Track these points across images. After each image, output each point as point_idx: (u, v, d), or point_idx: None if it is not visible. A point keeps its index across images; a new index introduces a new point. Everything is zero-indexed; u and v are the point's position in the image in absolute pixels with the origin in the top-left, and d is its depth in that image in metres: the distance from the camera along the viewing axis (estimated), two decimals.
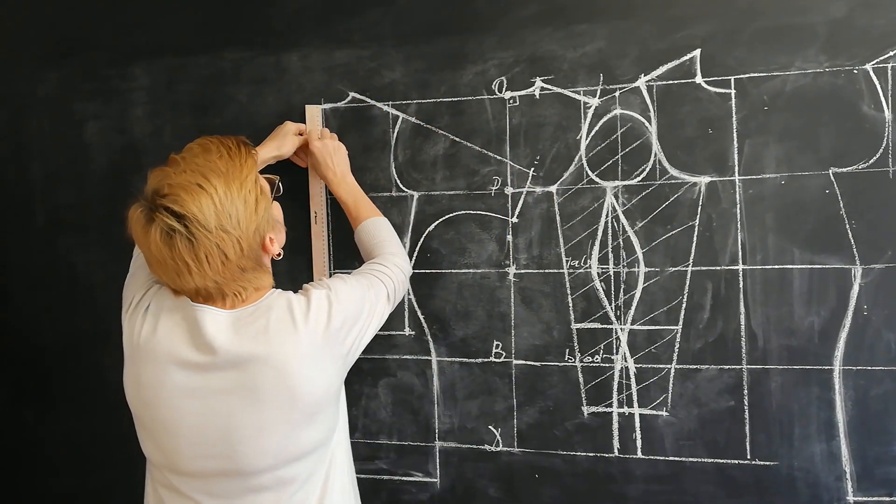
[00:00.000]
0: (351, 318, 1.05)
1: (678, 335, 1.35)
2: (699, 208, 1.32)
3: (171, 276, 0.96)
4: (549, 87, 1.37)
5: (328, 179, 1.39)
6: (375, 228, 1.32)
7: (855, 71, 1.25)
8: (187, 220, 0.91)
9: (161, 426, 1.00)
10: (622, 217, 1.36)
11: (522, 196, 1.40)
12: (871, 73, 1.24)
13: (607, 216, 1.36)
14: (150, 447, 1.05)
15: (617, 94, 1.34)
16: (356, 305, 1.07)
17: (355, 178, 1.42)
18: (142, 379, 1.01)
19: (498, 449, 1.44)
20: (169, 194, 0.92)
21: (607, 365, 1.38)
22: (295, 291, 1.06)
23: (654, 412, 1.37)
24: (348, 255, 1.47)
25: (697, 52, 1.30)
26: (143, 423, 1.04)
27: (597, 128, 1.36)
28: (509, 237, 1.41)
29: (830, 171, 1.27)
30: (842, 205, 1.27)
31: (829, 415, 1.30)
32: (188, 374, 0.98)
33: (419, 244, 1.45)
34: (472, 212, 1.42)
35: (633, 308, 1.36)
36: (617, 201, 1.36)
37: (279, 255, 1.06)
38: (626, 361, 1.37)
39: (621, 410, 1.38)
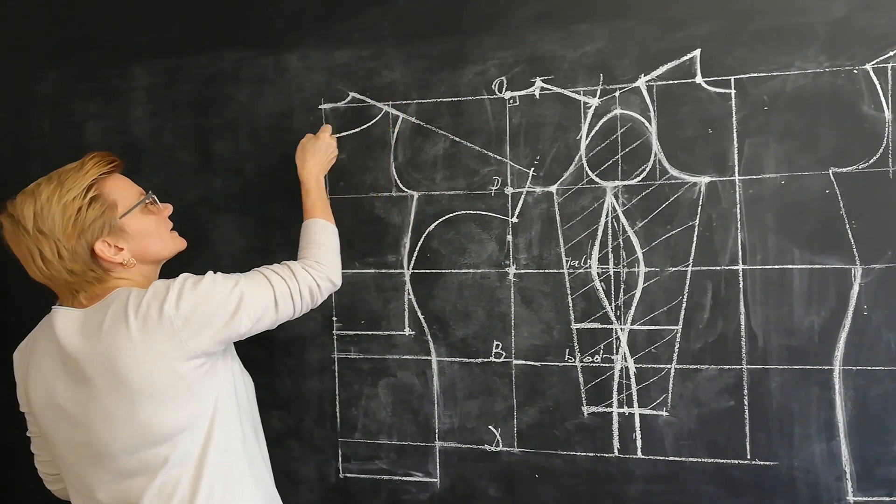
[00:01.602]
0: (197, 310, 1.04)
1: (678, 335, 1.35)
2: (699, 208, 1.32)
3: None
4: (549, 87, 1.37)
5: (307, 167, 1.35)
6: (317, 230, 1.28)
7: (855, 71, 1.25)
8: (14, 219, 1.05)
9: (48, 432, 1.12)
10: (622, 217, 1.36)
11: (522, 196, 1.40)
12: (871, 73, 1.24)
13: (607, 216, 1.36)
14: (56, 461, 1.17)
15: (617, 94, 1.34)
16: (205, 298, 1.05)
17: (355, 178, 1.43)
18: (32, 395, 1.11)
19: (498, 449, 1.44)
20: (14, 198, 1.07)
21: (607, 365, 1.38)
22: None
23: (654, 412, 1.37)
24: (345, 256, 1.47)
25: (697, 52, 1.30)
26: (45, 439, 1.16)
27: (597, 128, 1.36)
28: (509, 237, 1.41)
29: (830, 171, 1.27)
30: (842, 205, 1.27)
31: (829, 415, 1.30)
32: (57, 372, 1.07)
33: (419, 244, 1.45)
34: (472, 212, 1.42)
35: (633, 308, 1.36)
36: (617, 201, 1.36)
37: (130, 263, 1.10)
38: (626, 361, 1.37)
39: (621, 410, 1.38)
